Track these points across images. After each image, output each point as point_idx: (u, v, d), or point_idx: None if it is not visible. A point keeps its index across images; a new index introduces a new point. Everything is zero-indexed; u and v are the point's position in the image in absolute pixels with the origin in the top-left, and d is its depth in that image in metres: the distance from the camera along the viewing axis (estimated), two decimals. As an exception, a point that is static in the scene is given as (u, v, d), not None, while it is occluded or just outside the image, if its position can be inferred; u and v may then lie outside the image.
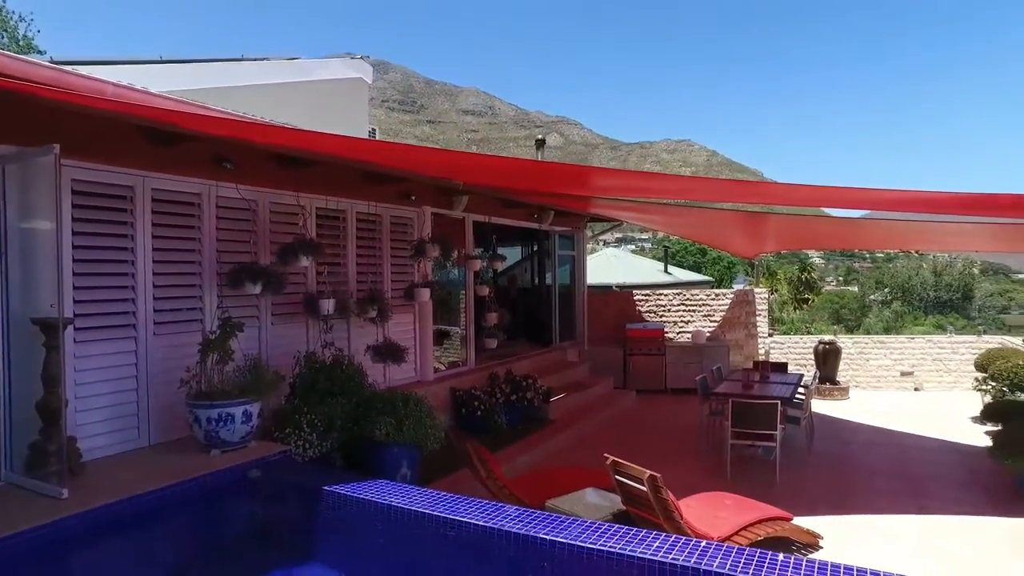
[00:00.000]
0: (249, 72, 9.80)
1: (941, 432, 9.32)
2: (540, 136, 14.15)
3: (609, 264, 18.69)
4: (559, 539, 3.19)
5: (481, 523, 3.43)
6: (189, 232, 5.33)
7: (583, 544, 3.14)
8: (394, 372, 7.19)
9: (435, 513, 3.58)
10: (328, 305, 5.99)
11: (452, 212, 8.34)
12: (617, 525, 3.39)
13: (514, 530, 3.32)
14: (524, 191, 8.27)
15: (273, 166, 5.75)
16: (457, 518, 3.51)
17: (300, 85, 10.52)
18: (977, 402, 9.76)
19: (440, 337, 8.86)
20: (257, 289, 5.25)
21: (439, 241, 7.56)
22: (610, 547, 3.08)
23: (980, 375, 10.10)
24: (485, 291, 9.03)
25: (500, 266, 10.37)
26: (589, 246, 15.24)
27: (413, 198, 7.61)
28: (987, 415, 8.22)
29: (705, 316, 13.47)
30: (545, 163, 8.02)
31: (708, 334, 13.14)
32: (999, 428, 7.09)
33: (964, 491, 6.92)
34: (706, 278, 24.74)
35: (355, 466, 5.31)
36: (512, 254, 13.26)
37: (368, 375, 6.17)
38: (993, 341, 12.19)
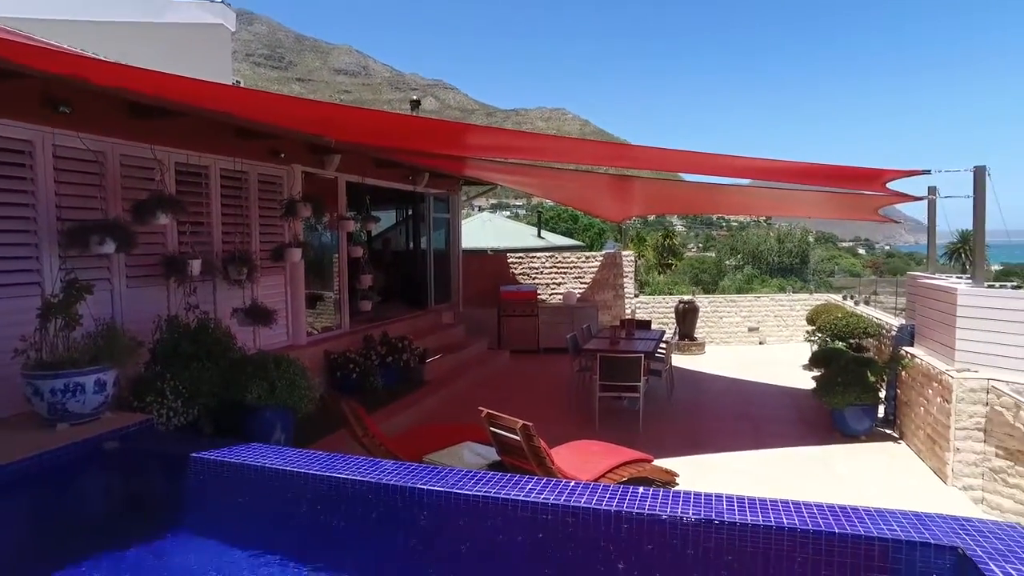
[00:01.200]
0: (88, 5, 8.73)
1: (779, 379, 10.46)
2: (415, 98, 13.88)
3: (484, 228, 18.85)
4: (437, 488, 3.29)
5: (359, 478, 3.46)
6: (19, 184, 4.76)
7: (460, 491, 3.26)
8: (265, 336, 6.93)
9: (311, 472, 3.56)
10: (194, 266, 5.63)
11: (324, 172, 8.05)
12: (493, 472, 3.55)
13: (392, 482, 3.38)
14: (399, 150, 8.14)
15: (125, 115, 5.25)
16: (335, 475, 3.51)
17: (151, 28, 9.54)
18: (807, 351, 11.01)
19: (313, 300, 8.61)
20: (108, 248, 4.82)
21: (311, 201, 7.30)
22: (486, 492, 3.23)
23: (810, 328, 11.38)
24: (359, 253, 8.85)
25: (374, 228, 10.18)
26: (464, 210, 15.31)
27: (282, 155, 7.26)
28: (813, 362, 9.31)
29: (576, 278, 14.03)
30: (421, 118, 7.90)
31: (579, 295, 13.72)
32: (821, 372, 8.06)
33: (793, 427, 7.89)
34: (578, 243, 25.63)
35: (226, 432, 5.10)
36: (387, 217, 13.04)
37: (237, 339, 5.90)
38: (821, 299, 13.74)
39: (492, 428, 4.67)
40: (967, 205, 6.74)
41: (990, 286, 6.74)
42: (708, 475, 6.23)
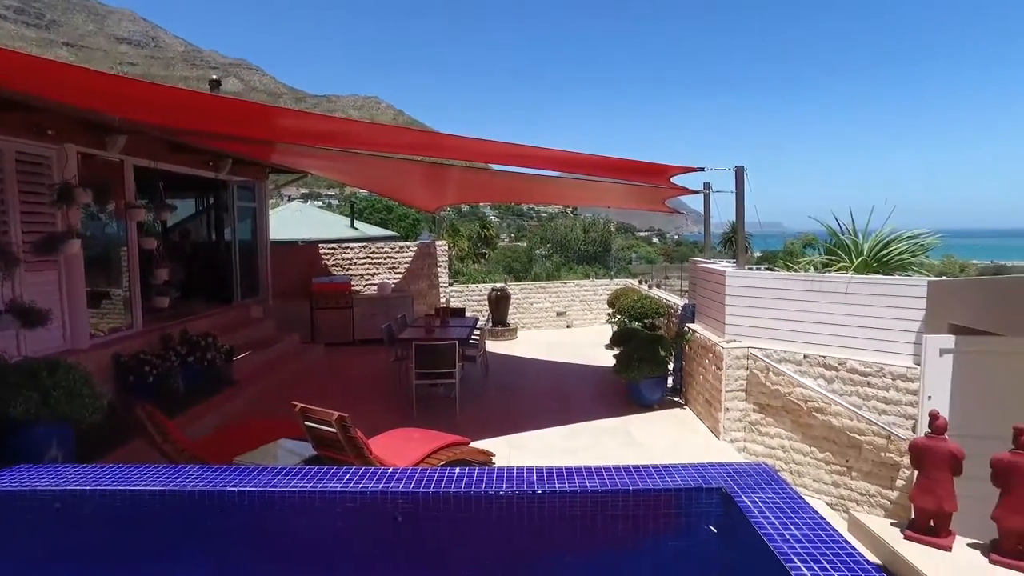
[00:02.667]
0: None
1: (585, 358, 11.32)
2: (215, 77, 12.78)
3: (294, 219, 17.99)
4: (249, 488, 3.16)
5: (160, 488, 3.21)
6: None
7: (275, 489, 3.16)
8: (34, 340, 6.05)
9: (101, 488, 3.23)
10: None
11: (106, 153, 7.17)
12: (308, 467, 3.48)
13: (199, 488, 3.18)
14: (197, 132, 7.49)
15: None
16: (130, 488, 3.21)
17: None
18: (609, 332, 12.03)
19: (97, 298, 7.65)
20: None
21: (91, 186, 6.47)
22: (302, 487, 3.17)
23: (611, 310, 12.45)
24: (152, 245, 8.02)
25: (170, 217, 9.30)
26: (272, 199, 14.49)
27: (50, 133, 6.35)
28: (613, 341, 10.24)
29: (390, 269, 13.96)
30: (223, 98, 7.34)
31: (393, 286, 13.67)
32: (620, 350, 8.90)
33: (598, 401, 8.62)
34: (392, 233, 25.41)
35: (-17, 454, 4.41)
36: (186, 206, 11.95)
37: (-5, 345, 5.11)
38: (621, 284, 15.07)
39: (307, 423, 4.56)
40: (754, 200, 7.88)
41: (750, 269, 7.90)
42: (523, 451, 6.61)
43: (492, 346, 11.92)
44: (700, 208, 9.07)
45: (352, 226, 18.86)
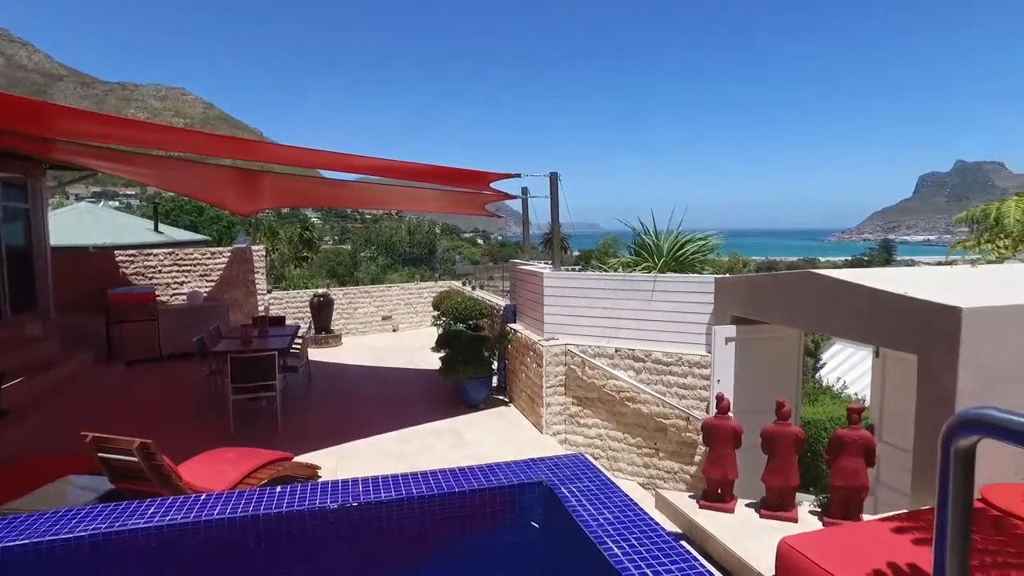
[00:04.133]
0: None
1: (412, 362, 11.32)
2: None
3: (84, 222, 15.92)
4: (23, 541, 2.77)
5: None
6: None
7: (61, 536, 2.81)
8: None
9: None
10: None
11: None
12: (103, 504, 3.14)
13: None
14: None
15: None
16: None
17: None
18: (435, 334, 12.10)
19: None
20: None
21: None
22: (94, 529, 2.84)
23: (436, 313, 12.55)
24: None
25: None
26: (57, 198, 12.70)
27: None
28: (439, 343, 10.29)
29: (202, 276, 12.88)
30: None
31: (205, 294, 12.64)
32: (446, 353, 9.02)
33: (426, 404, 8.67)
34: (203, 237, 23.42)
35: None
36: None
37: None
38: (445, 286, 15.24)
39: (101, 454, 4.09)
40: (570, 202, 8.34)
41: (566, 270, 8.41)
42: (352, 461, 6.46)
43: (316, 354, 11.49)
44: (538, 195, 9.36)
45: (156, 230, 17.09)
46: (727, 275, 7.03)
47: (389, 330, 14.86)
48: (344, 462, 6.40)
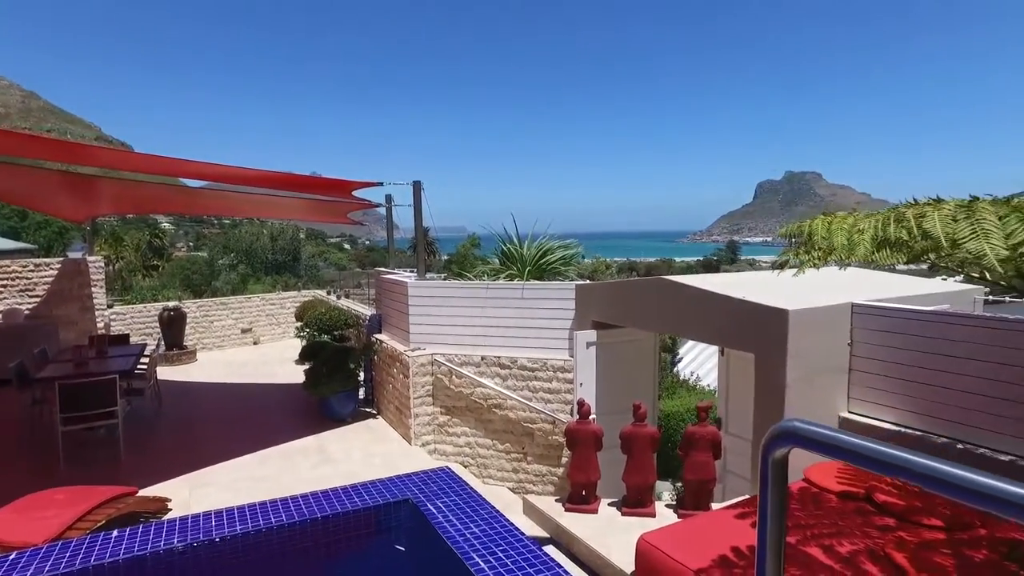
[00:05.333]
0: None
1: (275, 377, 10.76)
2: None
3: None
4: None
5: None
6: None
7: None
8: None
9: None
10: None
11: None
12: None
13: None
14: None
15: None
16: None
17: None
18: (299, 346, 11.61)
19: None
20: None
21: None
22: None
23: (299, 324, 12.03)
24: None
25: None
26: None
27: None
28: (303, 356, 9.86)
29: (24, 291, 11.45)
30: None
31: (28, 312, 11.25)
32: (310, 366, 8.67)
33: (290, 421, 8.27)
34: (26, 246, 20.88)
35: None
36: None
37: None
38: (309, 295, 14.65)
39: None
40: (436, 207, 8.26)
41: (432, 278, 8.37)
42: (207, 489, 6.01)
43: (167, 373, 10.61)
44: (398, 218, 9.21)
45: (-40, 239, 14.97)
46: (587, 282, 7.32)
47: (250, 343, 14.03)
48: (199, 491, 5.94)
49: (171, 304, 12.84)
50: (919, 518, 3.79)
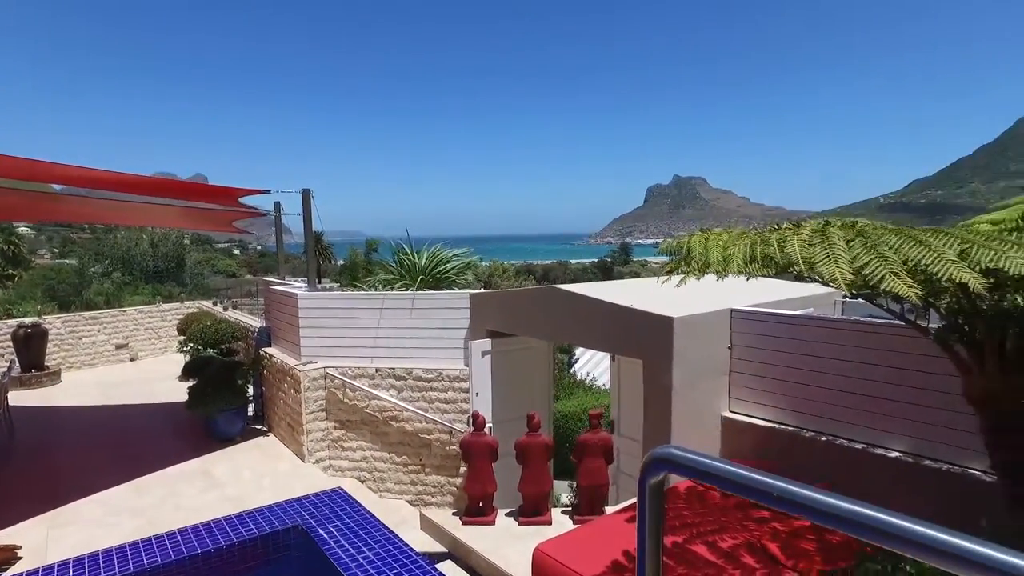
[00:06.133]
0: None
1: (154, 396, 10.02)
2: None
3: None
4: None
5: None
6: None
7: None
8: None
9: None
10: None
11: None
12: None
13: None
14: None
15: None
16: None
17: None
18: (183, 362, 10.89)
19: None
20: None
21: None
22: None
23: (182, 338, 11.29)
24: None
25: None
26: None
27: None
28: (186, 372, 9.26)
29: None
30: None
31: None
32: (194, 383, 8.15)
33: (172, 444, 7.73)
34: None
35: None
36: None
37: None
38: (193, 306, 13.80)
39: None
40: (332, 210, 8.00)
41: (324, 288, 8.10)
42: (69, 529, 5.49)
43: (23, 398, 9.63)
44: (289, 222, 8.81)
45: None
46: (481, 291, 7.33)
47: (126, 360, 13.00)
48: (59, 531, 5.42)
49: (27, 321, 11.66)
50: (791, 509, 4.08)
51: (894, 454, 4.15)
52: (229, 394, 7.65)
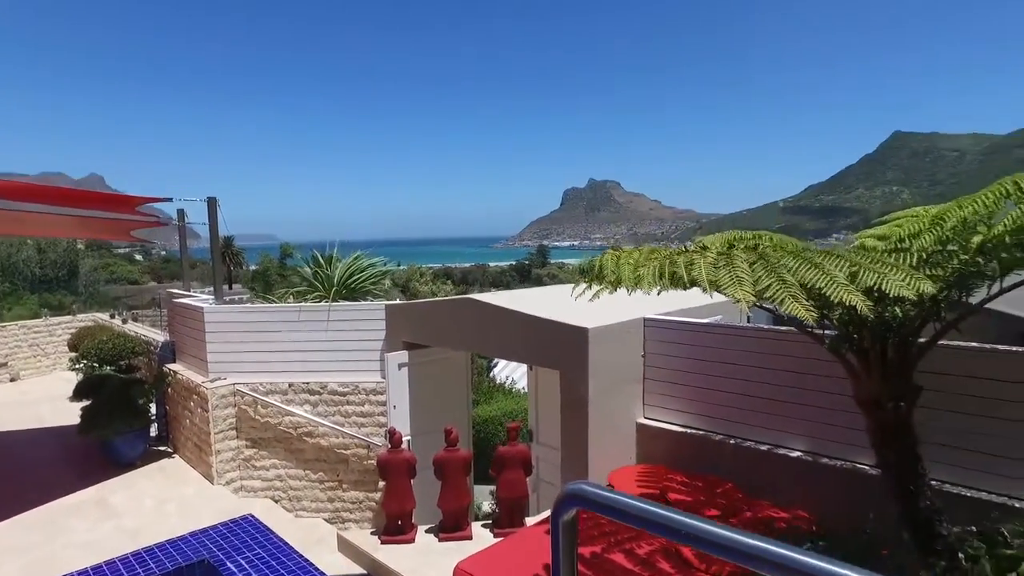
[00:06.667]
0: None
1: (41, 420, 9.27)
2: None
3: None
4: None
5: None
6: None
7: None
8: None
9: None
10: None
11: None
12: None
13: None
14: None
15: None
16: None
17: None
18: (74, 381, 10.12)
19: None
20: None
21: None
22: None
23: (74, 355, 10.47)
24: None
25: None
26: None
27: None
28: (78, 392, 8.57)
29: None
30: None
31: None
32: (88, 404, 7.58)
33: (62, 472, 7.15)
34: None
35: None
36: None
37: None
38: (87, 319, 12.86)
39: None
40: (242, 214, 7.55)
41: (234, 300, 7.74)
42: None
43: None
44: (197, 226, 8.25)
45: None
46: (397, 302, 7.21)
47: (6, 380, 11.95)
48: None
49: None
50: (703, 510, 4.24)
51: (796, 453, 4.38)
52: (128, 415, 7.17)
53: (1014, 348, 3.76)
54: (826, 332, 3.35)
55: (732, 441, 4.67)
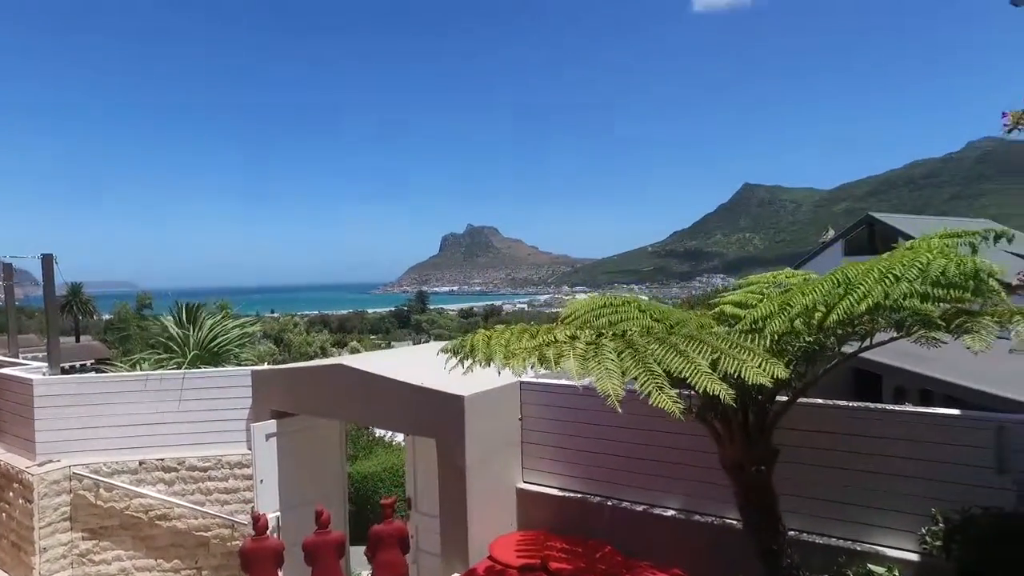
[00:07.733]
0: None
1: None
2: None
3: None
4: None
5: None
6: None
7: None
8: None
9: None
10: None
11: None
12: None
13: None
14: None
15: None
16: None
17: None
18: None
19: None
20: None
21: None
22: None
23: None
24: None
25: None
26: None
27: None
28: None
29: None
30: None
31: None
32: None
33: None
34: None
35: None
36: None
37: None
38: None
39: None
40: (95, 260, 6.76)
41: (73, 370, 6.91)
42: None
43: None
44: (39, 272, 7.26)
45: None
46: (265, 367, 6.75)
47: None
48: None
49: None
50: (584, 576, 4.22)
51: (670, 512, 4.50)
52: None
53: (855, 404, 4.12)
54: (693, 398, 3.50)
55: (610, 503, 4.72)
